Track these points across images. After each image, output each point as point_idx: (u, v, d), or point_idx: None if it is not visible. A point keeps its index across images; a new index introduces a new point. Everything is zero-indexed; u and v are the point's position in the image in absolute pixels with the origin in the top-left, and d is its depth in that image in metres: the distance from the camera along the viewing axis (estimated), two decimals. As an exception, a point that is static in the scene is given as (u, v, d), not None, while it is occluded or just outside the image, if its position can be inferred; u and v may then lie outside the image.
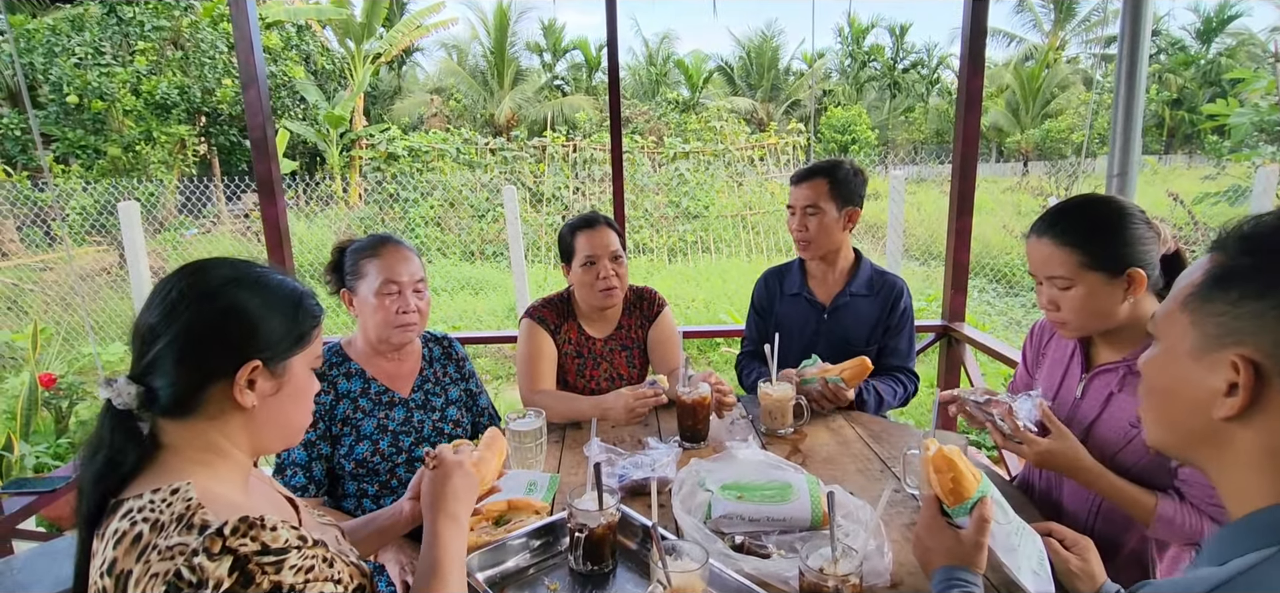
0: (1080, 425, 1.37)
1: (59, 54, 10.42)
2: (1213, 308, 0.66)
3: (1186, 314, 0.69)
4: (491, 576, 1.18)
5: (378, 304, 1.61)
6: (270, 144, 2.77)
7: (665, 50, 25.35)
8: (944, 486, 1.02)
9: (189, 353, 0.82)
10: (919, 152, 25.63)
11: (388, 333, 1.64)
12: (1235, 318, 0.64)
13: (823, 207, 1.98)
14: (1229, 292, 0.65)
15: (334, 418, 1.64)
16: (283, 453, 1.55)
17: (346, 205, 12.19)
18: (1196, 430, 0.69)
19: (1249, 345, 0.63)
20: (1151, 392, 0.75)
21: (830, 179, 1.98)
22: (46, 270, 8.59)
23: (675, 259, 10.34)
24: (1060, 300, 1.31)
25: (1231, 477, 0.67)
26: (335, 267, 1.70)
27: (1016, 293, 8.61)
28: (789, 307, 2.14)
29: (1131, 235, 1.25)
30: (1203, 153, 17.46)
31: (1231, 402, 0.63)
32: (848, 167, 2.02)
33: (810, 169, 2.02)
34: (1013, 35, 24.70)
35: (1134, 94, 2.39)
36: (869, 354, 1.88)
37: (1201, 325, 0.67)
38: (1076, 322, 1.32)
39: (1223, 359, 0.64)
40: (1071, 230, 1.28)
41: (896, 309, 2.04)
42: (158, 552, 0.72)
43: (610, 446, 1.64)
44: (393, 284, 1.61)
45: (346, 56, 14.69)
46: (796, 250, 2.11)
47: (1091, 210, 1.30)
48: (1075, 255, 1.27)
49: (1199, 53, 23.16)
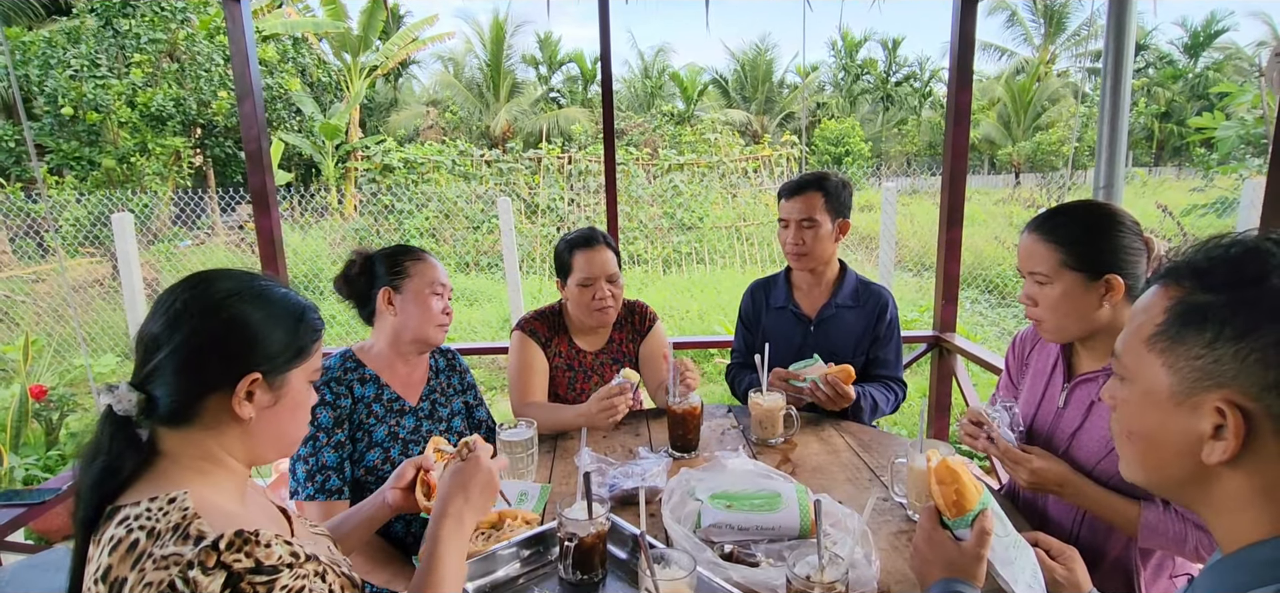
0: (1063, 434, 1.39)
1: (54, 66, 10.41)
2: (1187, 350, 0.64)
3: (1157, 356, 0.67)
4: (482, 585, 1.18)
5: (426, 303, 1.67)
6: (265, 156, 2.78)
7: (660, 63, 25.52)
8: (947, 497, 1.01)
9: (189, 364, 0.83)
10: (912, 164, 25.81)
11: (428, 331, 1.68)
12: (1215, 361, 0.62)
13: (818, 219, 1.98)
14: (1203, 332, 0.63)
15: (353, 422, 1.65)
16: (313, 458, 1.56)
17: (342, 217, 12.19)
18: (1184, 476, 0.67)
19: (1231, 388, 0.61)
20: (1132, 436, 0.72)
21: (824, 192, 1.99)
22: (39, 282, 8.55)
23: (670, 270, 10.38)
24: (1038, 296, 1.33)
25: (1222, 515, 0.65)
26: (365, 269, 1.71)
27: (1008, 304, 8.66)
28: (775, 320, 2.14)
29: (1117, 243, 1.27)
30: (1191, 165, 17.64)
31: (1222, 446, 0.61)
32: (836, 178, 2.04)
33: (801, 182, 2.02)
34: (1004, 49, 24.98)
35: (1119, 108, 2.43)
36: (856, 365, 1.90)
37: (1178, 370, 0.65)
38: (1051, 321, 1.33)
39: (1205, 403, 0.62)
40: (1058, 229, 1.31)
41: (883, 319, 2.06)
42: (153, 560, 0.72)
43: (601, 456, 1.65)
44: (440, 285, 1.70)
45: (343, 69, 14.74)
46: (790, 264, 2.11)
47: (1083, 213, 1.33)
48: (1057, 253, 1.29)
49: (1187, 67, 23.47)
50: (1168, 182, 18.28)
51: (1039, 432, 1.44)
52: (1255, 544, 0.62)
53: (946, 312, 3.07)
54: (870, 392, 1.98)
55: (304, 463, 1.57)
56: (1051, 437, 1.41)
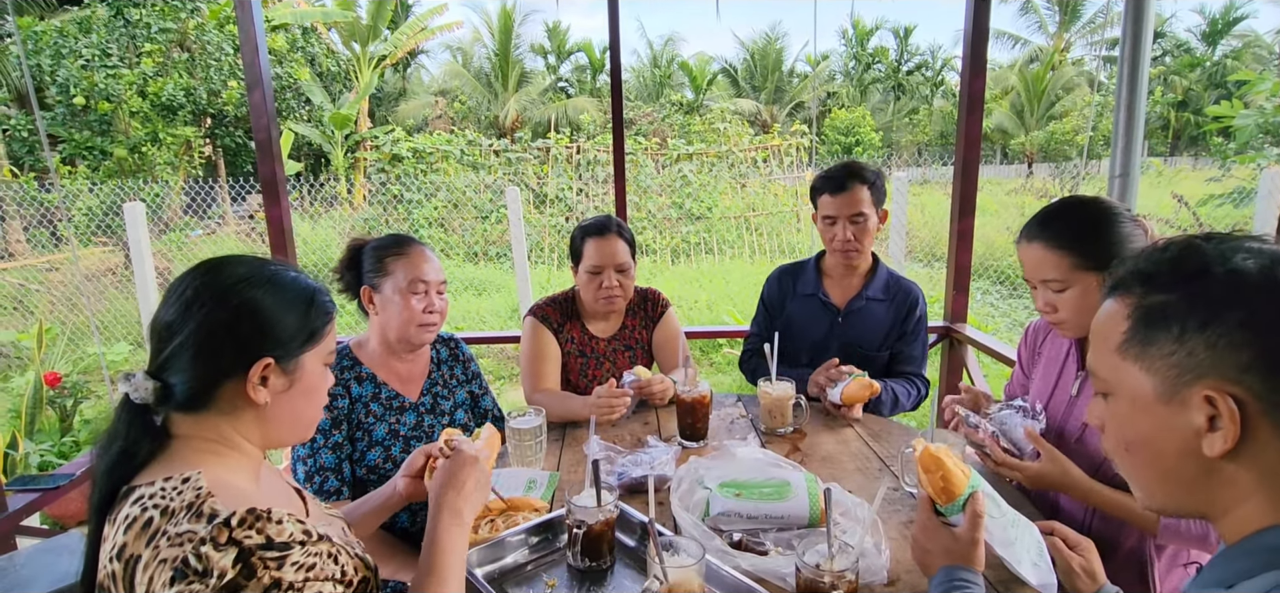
0: (1076, 423, 1.38)
1: (66, 56, 10.49)
2: (1159, 349, 0.65)
3: (1133, 362, 0.68)
4: (490, 572, 1.18)
5: (404, 303, 1.60)
6: (275, 146, 2.79)
7: (669, 52, 25.38)
8: (934, 485, 1.02)
9: (204, 351, 0.84)
10: (923, 154, 25.59)
11: (410, 332, 1.63)
12: (1188, 353, 0.63)
13: (866, 213, 1.94)
14: (1169, 329, 0.64)
15: (352, 422, 1.63)
16: (311, 460, 1.56)
17: (351, 207, 12.24)
18: (1194, 477, 0.66)
19: (1211, 376, 0.62)
20: (1131, 448, 0.71)
21: (870, 185, 1.95)
22: (52, 271, 8.64)
23: (678, 260, 10.36)
24: (1057, 302, 1.32)
25: (1229, 512, 0.65)
26: (352, 263, 1.69)
27: (1020, 295, 8.59)
28: (802, 307, 2.11)
29: (1119, 234, 1.27)
30: (1208, 155, 17.38)
31: (1221, 435, 0.62)
32: (873, 168, 2.01)
33: (845, 174, 1.95)
34: (1017, 38, 24.67)
35: (1136, 95, 2.39)
36: (881, 359, 1.88)
37: (1156, 370, 0.66)
38: (1075, 321, 1.32)
39: (1192, 396, 0.63)
40: (1061, 233, 1.29)
41: (912, 316, 2.04)
42: (166, 538, 0.73)
43: (610, 444, 1.65)
44: (421, 283, 1.62)
45: (352, 59, 14.76)
46: (838, 260, 2.03)
47: (1078, 212, 1.32)
48: (1068, 258, 1.28)
49: (1205, 55, 23.10)
50: (1184, 171, 18.03)
51: (1051, 421, 1.43)
52: (1260, 531, 0.62)
53: (958, 302, 3.05)
54: (892, 387, 1.96)
55: (303, 464, 1.57)
56: (1064, 426, 1.40)
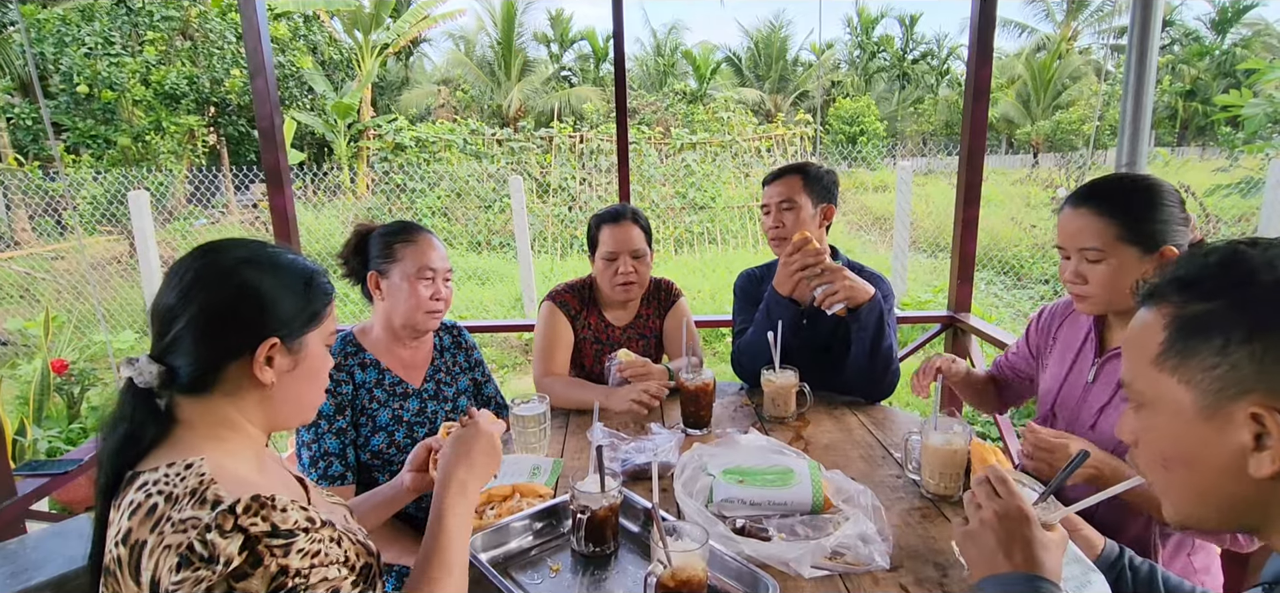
0: (1091, 410, 1.37)
1: (69, 44, 10.49)
2: (1201, 361, 0.62)
3: (1170, 375, 0.64)
4: (495, 556, 1.19)
5: (412, 289, 1.62)
6: (278, 134, 2.79)
7: (673, 41, 25.23)
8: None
9: (207, 332, 0.84)
10: (928, 143, 25.44)
11: (417, 318, 1.65)
12: (1232, 367, 0.60)
13: (798, 201, 1.94)
14: (1211, 340, 0.61)
15: (355, 408, 1.64)
16: (315, 445, 1.57)
17: (354, 196, 12.24)
18: (1238, 497, 0.63)
19: (1258, 393, 0.58)
20: (1169, 463, 0.67)
21: (803, 176, 1.96)
22: (58, 259, 8.68)
23: (682, 250, 10.35)
24: (1088, 273, 1.29)
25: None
26: (358, 249, 1.70)
27: (1024, 285, 8.56)
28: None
29: (1167, 215, 1.25)
30: (1216, 145, 17.24)
31: (1269, 455, 0.58)
32: (818, 166, 2.01)
33: (781, 169, 2.01)
34: (1024, 26, 24.42)
35: (1144, 85, 2.37)
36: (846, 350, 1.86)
37: (1196, 383, 0.62)
38: (1102, 296, 1.30)
39: (1236, 413, 0.60)
40: (1110, 202, 1.27)
41: None
42: (171, 524, 0.74)
43: (613, 431, 1.65)
44: (429, 270, 1.64)
45: (354, 47, 14.70)
46: (772, 250, 2.03)
47: (1131, 185, 1.29)
48: (1113, 227, 1.26)
49: (1214, 44, 22.83)
50: (1191, 161, 17.89)
51: (1065, 407, 1.42)
52: None
53: (962, 291, 3.04)
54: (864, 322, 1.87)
55: (307, 449, 1.57)
56: (1078, 413, 1.39)
